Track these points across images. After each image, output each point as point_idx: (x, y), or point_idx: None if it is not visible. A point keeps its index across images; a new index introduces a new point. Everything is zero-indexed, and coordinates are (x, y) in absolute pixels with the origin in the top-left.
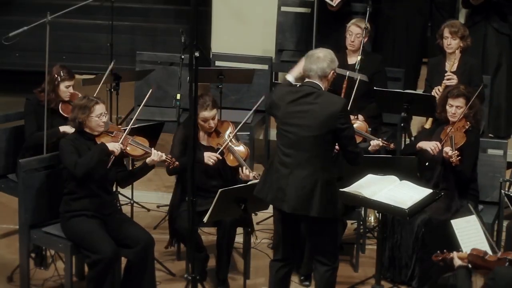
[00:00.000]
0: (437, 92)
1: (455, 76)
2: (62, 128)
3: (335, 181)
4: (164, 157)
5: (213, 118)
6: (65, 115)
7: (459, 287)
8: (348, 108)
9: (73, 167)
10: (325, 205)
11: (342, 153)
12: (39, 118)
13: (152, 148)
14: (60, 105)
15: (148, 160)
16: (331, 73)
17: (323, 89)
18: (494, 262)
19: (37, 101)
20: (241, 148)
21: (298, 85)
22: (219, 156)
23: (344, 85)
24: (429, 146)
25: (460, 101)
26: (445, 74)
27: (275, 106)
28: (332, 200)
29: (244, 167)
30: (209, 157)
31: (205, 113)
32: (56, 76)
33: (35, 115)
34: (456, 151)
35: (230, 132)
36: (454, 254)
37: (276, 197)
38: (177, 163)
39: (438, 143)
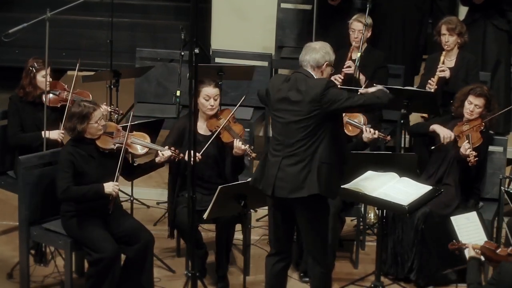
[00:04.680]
0: (430, 83)
1: (447, 68)
2: (46, 134)
3: (331, 162)
4: (169, 153)
5: (215, 98)
6: (51, 105)
7: (468, 279)
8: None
9: (60, 189)
10: (315, 183)
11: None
12: (24, 115)
13: (159, 149)
14: (42, 96)
15: (157, 159)
16: (325, 64)
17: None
18: (504, 257)
19: (19, 98)
20: (237, 126)
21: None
22: (199, 156)
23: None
24: (443, 133)
25: (480, 101)
26: (438, 66)
27: (268, 94)
28: (327, 180)
29: (236, 140)
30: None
31: (208, 89)
32: (30, 68)
33: (19, 114)
34: (474, 152)
35: (228, 116)
36: (469, 245)
37: (268, 183)
38: (182, 155)
39: (452, 133)
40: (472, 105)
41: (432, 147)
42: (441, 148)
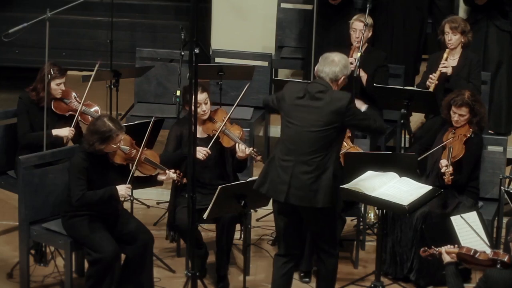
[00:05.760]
0: (431, 77)
1: (449, 64)
2: (55, 132)
3: (338, 172)
4: (174, 176)
5: (205, 103)
6: (58, 113)
7: (448, 283)
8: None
9: (76, 197)
10: (329, 196)
11: (368, 134)
12: (32, 116)
13: (167, 170)
14: (52, 103)
15: (159, 177)
16: (342, 78)
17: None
18: (485, 261)
19: (29, 99)
20: (235, 128)
21: (308, 82)
22: (208, 151)
23: None
24: None
25: (463, 110)
26: (441, 63)
27: (283, 99)
28: (335, 191)
29: (239, 144)
30: (199, 151)
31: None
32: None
33: (28, 114)
34: (450, 169)
35: (224, 117)
36: (443, 250)
37: (278, 190)
38: (185, 180)
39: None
40: (457, 115)
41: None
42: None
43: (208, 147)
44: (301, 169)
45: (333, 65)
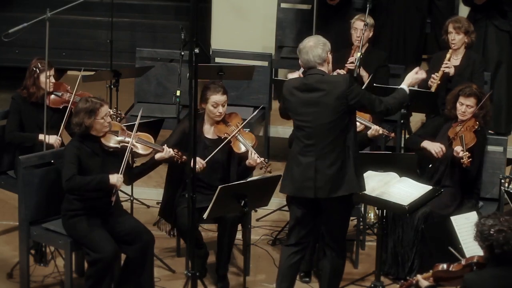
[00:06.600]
0: (433, 77)
1: (452, 64)
2: (41, 137)
3: (357, 153)
4: (173, 153)
5: (223, 105)
6: (53, 106)
7: None
8: None
9: (65, 177)
10: (354, 180)
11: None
12: (25, 115)
13: (164, 146)
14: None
15: (157, 156)
16: (328, 55)
17: (327, 73)
18: (461, 271)
19: (21, 98)
20: (249, 136)
21: (303, 76)
22: (204, 163)
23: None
24: (434, 148)
25: (471, 101)
26: (444, 62)
27: (286, 100)
28: (359, 173)
29: (251, 152)
30: (197, 162)
31: (216, 97)
32: (34, 68)
33: (19, 114)
34: (468, 153)
35: (239, 122)
36: (418, 277)
37: (305, 187)
38: (185, 157)
39: (443, 146)
40: (464, 106)
41: (430, 165)
42: (438, 161)
43: (218, 149)
44: (324, 163)
45: (313, 49)
